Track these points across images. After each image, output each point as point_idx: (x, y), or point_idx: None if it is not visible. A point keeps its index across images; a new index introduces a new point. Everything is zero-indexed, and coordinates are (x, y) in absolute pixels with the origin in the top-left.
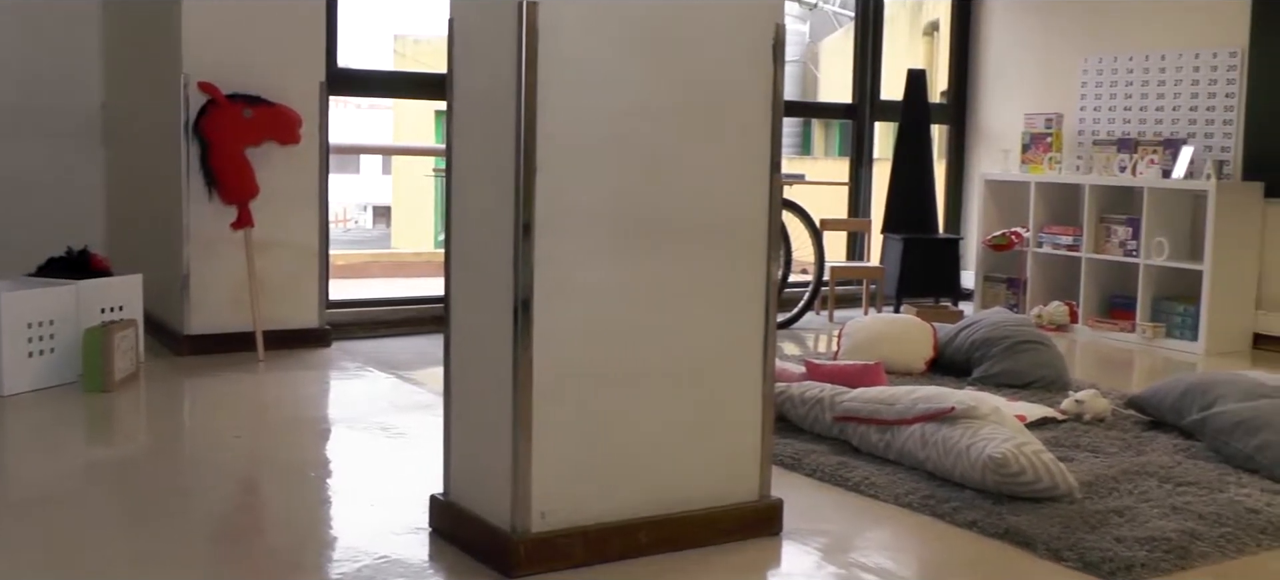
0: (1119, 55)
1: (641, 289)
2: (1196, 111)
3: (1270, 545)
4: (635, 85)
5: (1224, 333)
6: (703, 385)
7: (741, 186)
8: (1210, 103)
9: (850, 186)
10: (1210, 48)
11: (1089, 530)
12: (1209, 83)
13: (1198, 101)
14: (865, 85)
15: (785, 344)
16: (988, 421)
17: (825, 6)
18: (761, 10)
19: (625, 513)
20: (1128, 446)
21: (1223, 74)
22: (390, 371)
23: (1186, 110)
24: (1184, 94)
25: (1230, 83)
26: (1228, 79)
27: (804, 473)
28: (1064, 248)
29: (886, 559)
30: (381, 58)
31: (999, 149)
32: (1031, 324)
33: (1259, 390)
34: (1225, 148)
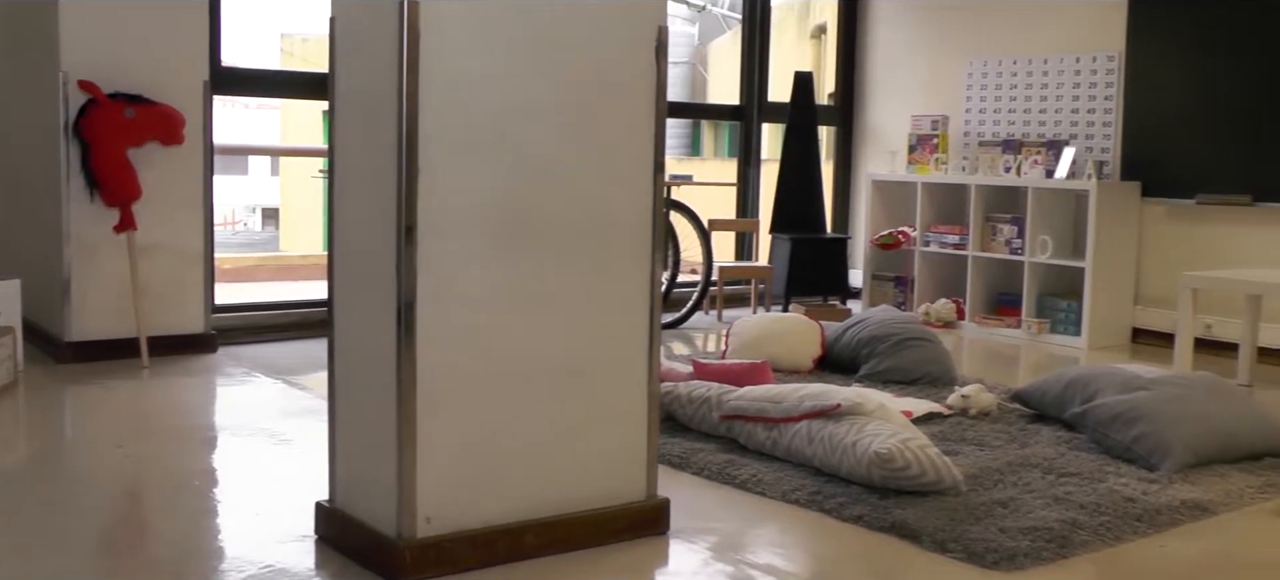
0: (1003, 59)
1: (525, 290)
2: (1077, 114)
3: (1147, 532)
4: (518, 86)
5: (1105, 327)
6: (588, 386)
7: (625, 187)
8: (1090, 105)
9: (738, 187)
10: (1090, 52)
11: (973, 522)
12: (1089, 86)
13: (1079, 104)
14: (753, 87)
15: (674, 343)
16: (873, 418)
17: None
18: (644, 11)
19: (512, 515)
20: (1012, 440)
21: (1102, 77)
22: (278, 377)
23: (1068, 112)
24: (1066, 97)
25: (1109, 86)
26: (1106, 82)
27: (692, 471)
28: (950, 246)
29: (774, 556)
30: (268, 56)
31: (886, 150)
32: (918, 321)
33: (1137, 383)
34: (1105, 149)
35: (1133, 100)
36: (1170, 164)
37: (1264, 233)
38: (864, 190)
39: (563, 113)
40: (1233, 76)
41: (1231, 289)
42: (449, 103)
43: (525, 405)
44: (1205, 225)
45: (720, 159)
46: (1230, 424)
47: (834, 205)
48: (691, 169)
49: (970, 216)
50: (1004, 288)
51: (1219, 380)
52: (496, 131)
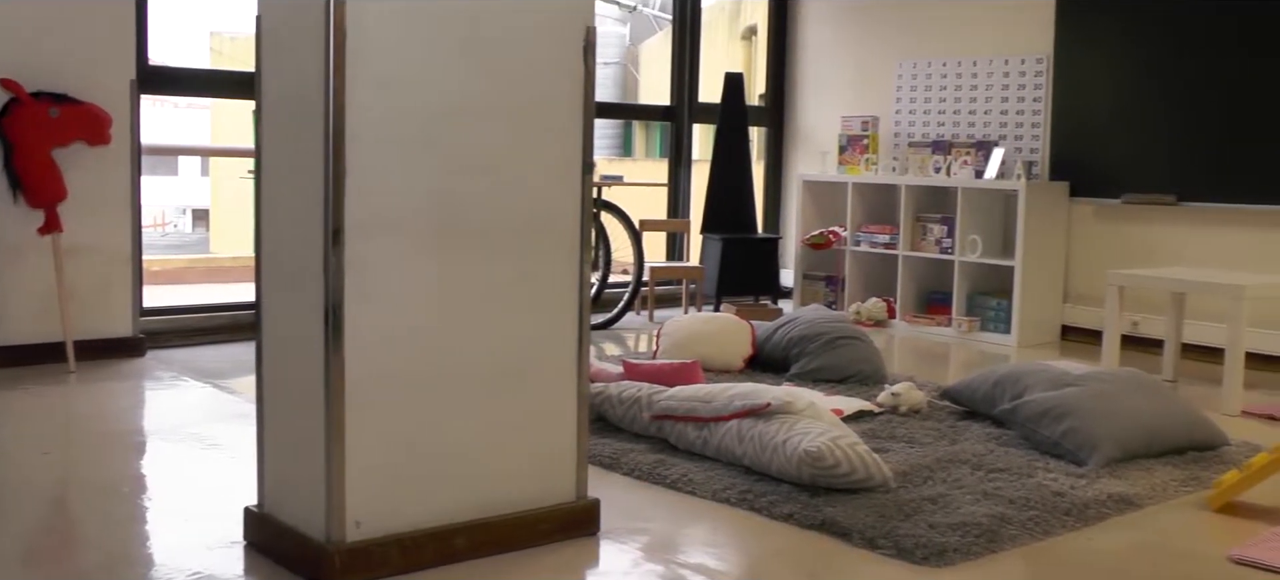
0: (933, 60)
1: (454, 292)
2: (1007, 115)
3: (1075, 526)
4: (446, 86)
5: (1035, 325)
6: (517, 387)
7: (553, 187)
8: (1019, 107)
9: (669, 187)
10: (1018, 54)
11: (903, 518)
12: (1018, 88)
13: (1008, 105)
14: (683, 88)
15: (606, 344)
16: (803, 416)
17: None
18: (572, 12)
19: (441, 518)
20: (942, 436)
21: (1030, 79)
22: (207, 381)
23: (997, 114)
24: (995, 98)
25: (1037, 88)
26: (1035, 84)
27: (622, 472)
28: (881, 246)
29: (705, 555)
30: (197, 55)
31: (817, 150)
32: (848, 320)
33: (1065, 379)
34: (1034, 149)
35: (1061, 102)
36: (1098, 164)
37: (1188, 231)
38: (795, 190)
39: (491, 113)
40: (1158, 79)
41: (1157, 287)
42: (376, 102)
43: (454, 407)
44: (1131, 224)
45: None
46: (1156, 419)
47: (765, 205)
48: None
49: (901, 216)
50: (934, 286)
51: (1145, 376)
52: (424, 132)
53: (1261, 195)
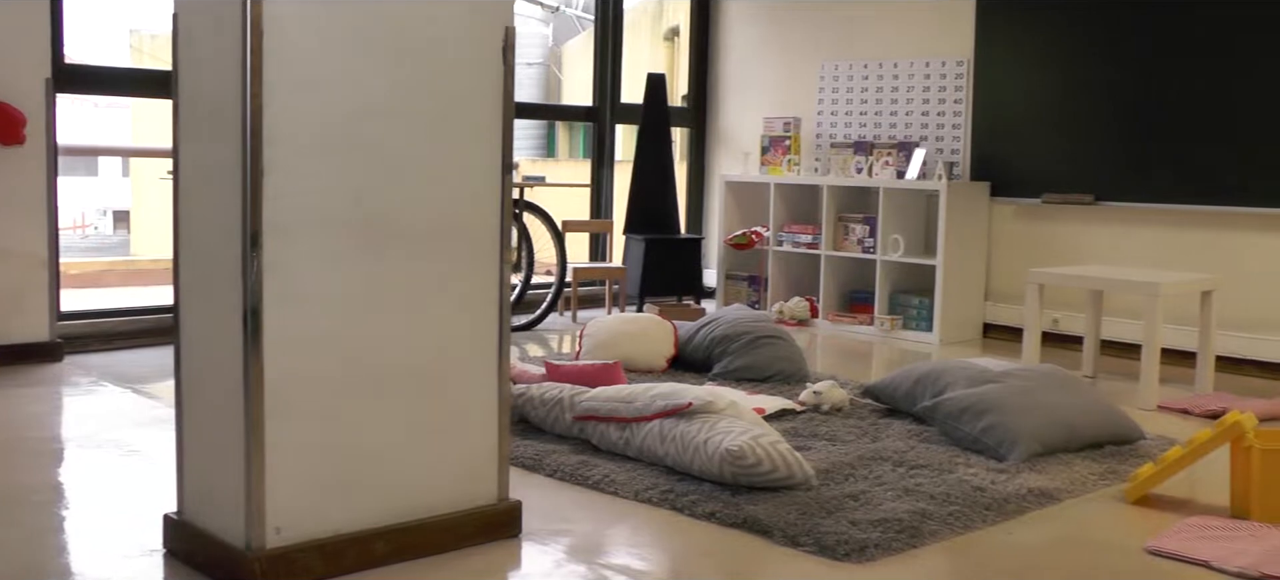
0: (854, 62)
1: (373, 294)
2: (928, 116)
3: (995, 520)
4: (365, 85)
5: (956, 323)
6: (438, 389)
7: (473, 188)
8: (940, 108)
9: (592, 188)
10: (939, 57)
11: (825, 515)
12: (939, 89)
13: (929, 107)
14: (606, 88)
15: (529, 345)
16: (725, 415)
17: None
18: (491, 12)
19: (362, 523)
20: (864, 434)
21: (951, 81)
22: (126, 386)
23: (919, 115)
24: (916, 100)
25: (958, 90)
26: (956, 86)
27: (545, 473)
28: (804, 246)
29: (628, 555)
30: (116, 53)
31: (739, 151)
32: (771, 320)
33: (985, 376)
34: (955, 150)
35: (981, 104)
36: (1018, 165)
37: (1106, 230)
38: (717, 191)
39: (409, 113)
40: (1076, 81)
41: (1076, 285)
42: (294, 103)
43: (374, 410)
44: (1051, 224)
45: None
46: (1075, 414)
47: (688, 206)
48: (546, 170)
49: (823, 216)
50: (857, 286)
51: (1064, 373)
52: (343, 132)
53: (1176, 195)
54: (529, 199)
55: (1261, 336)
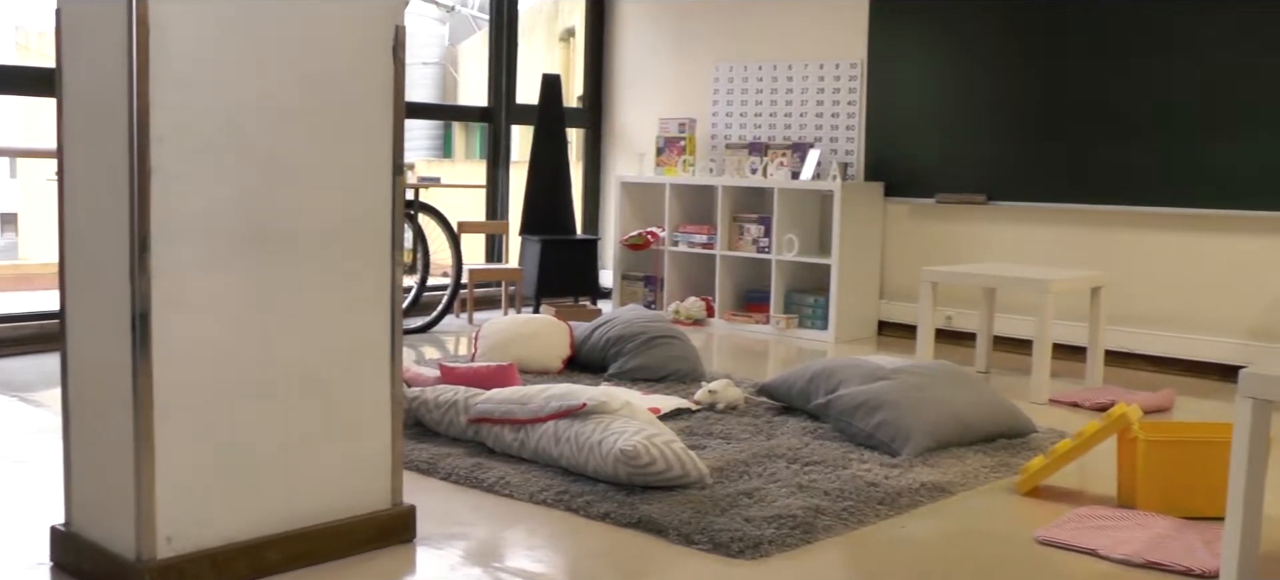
0: (749, 64)
1: (264, 297)
2: (822, 117)
3: (888, 514)
4: (253, 85)
5: (851, 321)
6: (330, 394)
7: (364, 189)
8: (835, 109)
9: (488, 189)
10: (833, 59)
11: (719, 513)
12: (833, 91)
13: (823, 108)
14: (501, 88)
15: (425, 347)
16: (619, 415)
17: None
18: (381, 11)
19: (254, 531)
20: (759, 432)
21: (845, 83)
22: (12, 394)
23: (813, 116)
24: (810, 101)
25: (852, 91)
26: (850, 88)
27: (439, 477)
28: (699, 246)
29: (523, 558)
30: (1, 50)
31: (634, 152)
32: (666, 319)
33: (879, 373)
34: (849, 151)
35: (875, 105)
36: (911, 165)
37: (998, 229)
38: (613, 192)
39: (299, 113)
40: (967, 84)
41: (968, 282)
42: (181, 102)
43: (265, 416)
44: (944, 223)
45: (472, 161)
46: (967, 409)
47: (584, 207)
48: (443, 171)
49: (718, 217)
50: (752, 285)
51: (956, 368)
52: (231, 132)
53: (1066, 194)
54: (424, 200)
55: (1149, 331)
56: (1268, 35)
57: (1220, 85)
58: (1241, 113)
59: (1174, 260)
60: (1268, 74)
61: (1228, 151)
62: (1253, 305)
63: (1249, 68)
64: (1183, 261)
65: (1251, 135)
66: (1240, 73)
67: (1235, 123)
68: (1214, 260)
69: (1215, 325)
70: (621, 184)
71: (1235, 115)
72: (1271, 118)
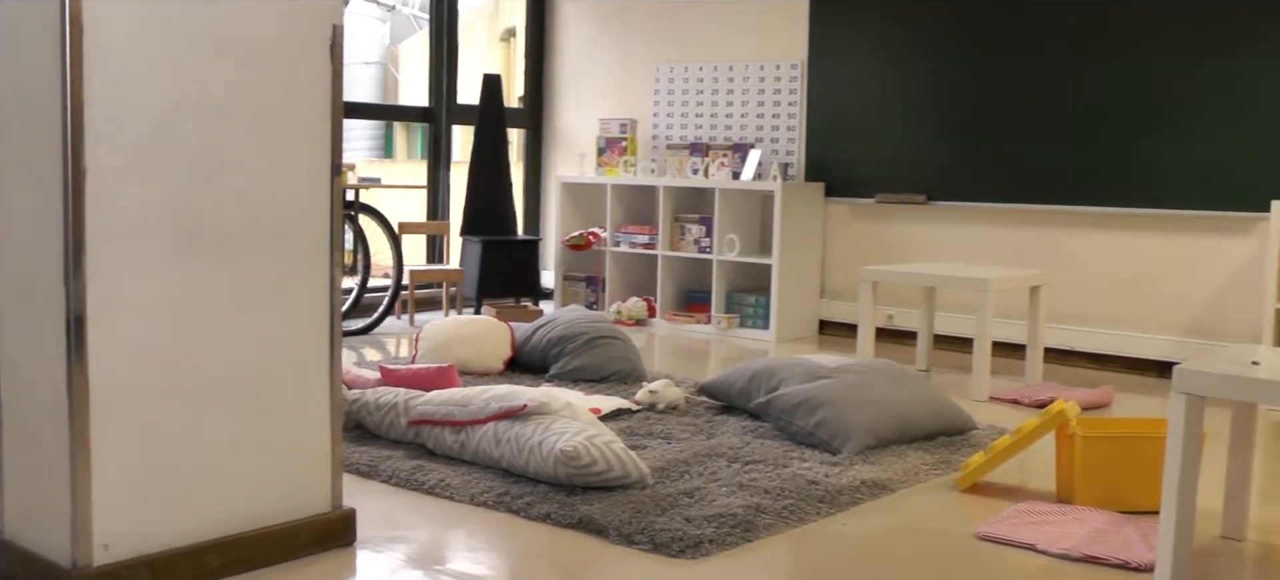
0: (689, 64)
1: (201, 299)
2: (763, 118)
3: (829, 512)
4: (190, 84)
5: (793, 320)
6: (268, 397)
7: (302, 190)
8: (775, 110)
9: (429, 189)
10: (774, 60)
11: (660, 513)
12: (774, 92)
13: (764, 109)
14: (441, 88)
15: (366, 349)
16: (559, 416)
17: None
18: (319, 10)
19: (193, 536)
20: (699, 431)
21: (785, 84)
22: None
23: (754, 117)
24: (751, 101)
25: (793, 92)
26: (790, 89)
27: (380, 479)
28: (641, 246)
29: (463, 560)
30: None
31: (575, 152)
32: (607, 320)
33: (819, 372)
34: (790, 151)
35: (815, 106)
36: (851, 166)
37: (938, 229)
38: (554, 192)
39: (236, 113)
40: (907, 85)
41: (909, 282)
42: (116, 101)
43: (203, 420)
44: (885, 223)
45: (413, 161)
46: (907, 407)
47: (525, 207)
48: (384, 171)
49: (659, 217)
50: (694, 285)
51: (897, 367)
52: (167, 132)
53: (1006, 194)
54: (365, 200)
55: (1088, 329)
56: (1205, 37)
57: (1158, 86)
58: (1179, 113)
59: (1112, 259)
60: (1205, 75)
61: (1165, 151)
62: (1189, 303)
63: (1186, 69)
64: (1121, 260)
65: (1188, 135)
66: (1178, 74)
67: (1172, 123)
68: (1151, 259)
69: (1153, 322)
70: (562, 184)
71: (1173, 116)
72: (1208, 118)
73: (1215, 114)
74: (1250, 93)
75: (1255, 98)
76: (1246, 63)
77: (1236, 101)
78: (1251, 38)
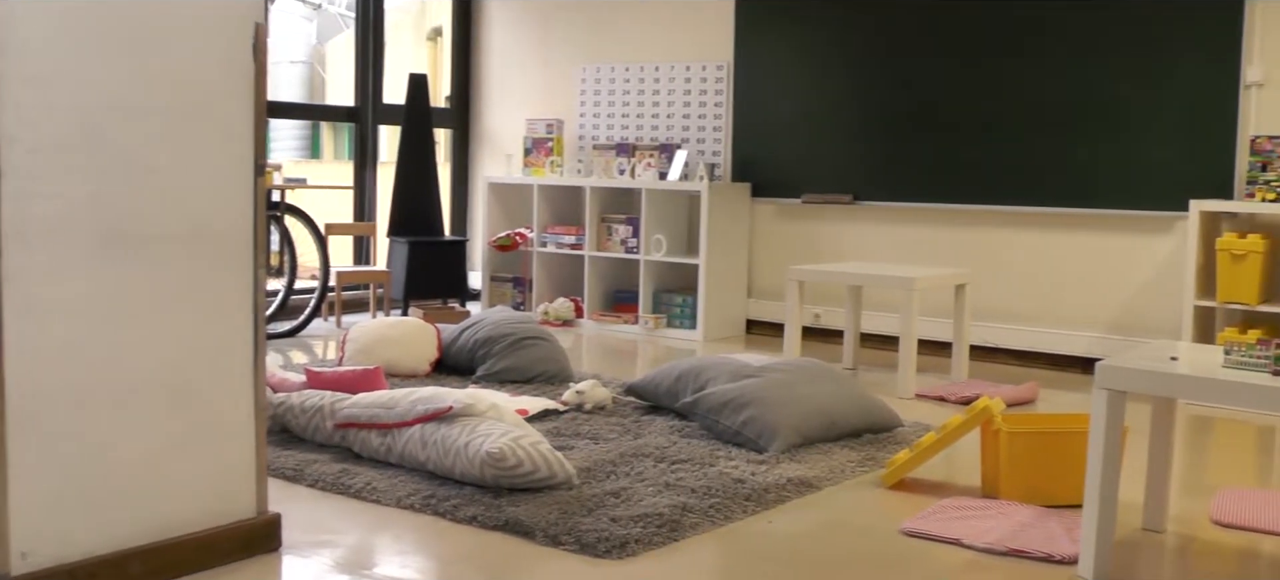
0: (615, 65)
1: (121, 302)
2: (689, 118)
3: (755, 511)
4: (109, 84)
5: (720, 320)
6: (190, 401)
7: (225, 191)
8: (701, 111)
9: (356, 190)
10: (700, 60)
11: (586, 513)
12: (701, 92)
13: (691, 109)
14: (368, 88)
15: (293, 352)
16: (485, 418)
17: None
18: (241, 8)
19: (115, 544)
20: (626, 431)
21: (712, 85)
22: None
23: (680, 117)
24: (677, 102)
25: (719, 93)
26: (716, 89)
27: (306, 484)
28: (568, 247)
29: (390, 564)
30: None
31: (502, 153)
32: (534, 321)
33: (746, 371)
34: (716, 152)
35: (742, 106)
36: (778, 166)
37: (864, 228)
38: (481, 193)
39: (156, 113)
40: (834, 85)
41: (835, 281)
42: (33, 101)
43: (125, 425)
44: (812, 223)
45: (341, 161)
46: (833, 405)
47: (452, 208)
48: (311, 171)
49: (586, 217)
50: (621, 285)
51: (822, 365)
52: (87, 133)
53: (931, 194)
54: (291, 201)
55: (1013, 326)
56: (1126, 41)
57: (1081, 89)
58: (1101, 114)
59: (1036, 257)
60: (1126, 78)
61: (1088, 152)
62: (1112, 300)
63: (1108, 72)
64: (1045, 259)
65: (1110, 136)
66: (1099, 76)
67: (1095, 124)
68: (1074, 257)
69: (1076, 319)
70: (489, 185)
71: (1095, 117)
72: (1129, 120)
73: (1136, 116)
74: (1170, 95)
75: (1174, 100)
76: (1166, 66)
77: (1156, 104)
78: (1171, 42)
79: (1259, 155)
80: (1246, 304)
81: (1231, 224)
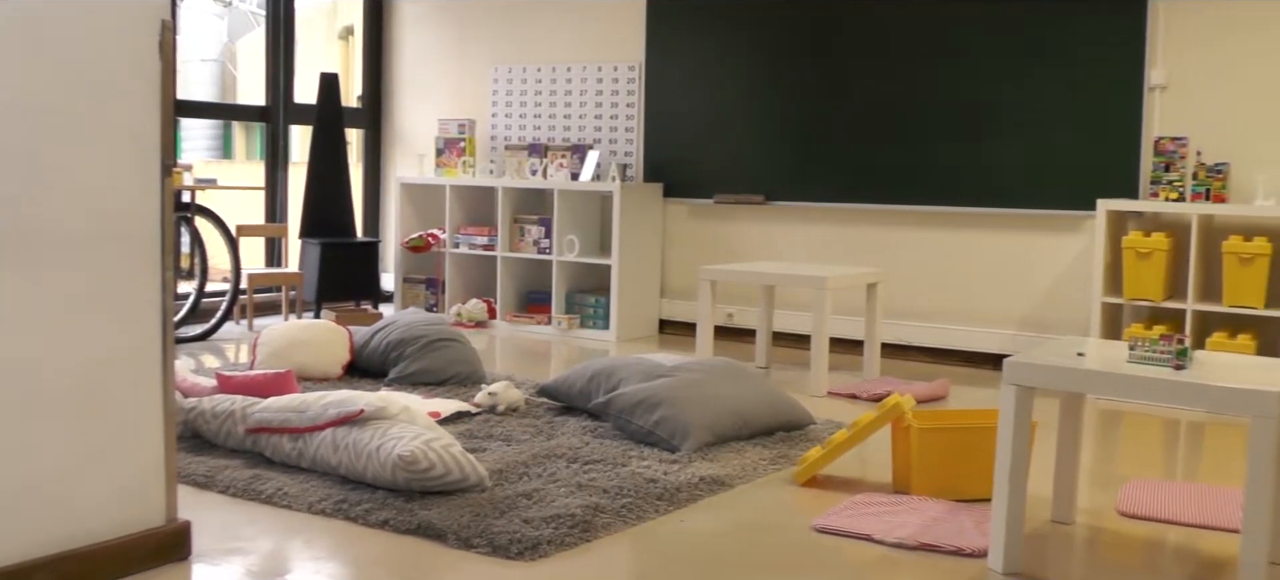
0: (527, 66)
1: (20, 308)
2: (601, 119)
3: (668, 510)
4: (9, 81)
5: (633, 320)
6: (96, 407)
7: (130, 192)
8: (613, 111)
9: (267, 191)
10: (612, 62)
11: (498, 515)
12: (613, 93)
13: (603, 110)
14: (279, 87)
15: (205, 355)
16: (397, 421)
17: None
18: (146, 5)
19: (20, 555)
20: (539, 433)
21: (624, 86)
22: None
23: (593, 118)
24: (589, 103)
25: (631, 94)
26: (629, 90)
27: (217, 490)
28: (480, 247)
29: (302, 569)
30: None
31: (414, 153)
32: (446, 322)
33: (658, 371)
34: (628, 153)
35: (653, 108)
36: (690, 167)
37: (777, 228)
38: (393, 193)
39: (58, 112)
40: (746, 86)
41: (748, 280)
42: None
43: (27, 433)
44: (724, 223)
45: (253, 162)
46: (746, 403)
47: (364, 209)
48: (223, 171)
49: (499, 218)
50: (534, 286)
51: (735, 364)
52: None
53: (842, 194)
54: (201, 202)
55: (924, 324)
56: (1033, 44)
57: (990, 90)
58: (1009, 116)
59: (947, 256)
60: (1034, 80)
61: (997, 153)
62: (1022, 298)
63: (1015, 74)
64: (955, 257)
65: (1019, 137)
66: (1007, 78)
67: (1003, 125)
68: (985, 256)
69: (986, 317)
70: (402, 185)
71: (1003, 118)
72: (1036, 121)
73: (1044, 117)
74: (1077, 97)
75: (1082, 101)
76: (1073, 68)
77: (1064, 105)
78: (1077, 44)
79: (1162, 156)
80: (1152, 300)
81: (1137, 223)
